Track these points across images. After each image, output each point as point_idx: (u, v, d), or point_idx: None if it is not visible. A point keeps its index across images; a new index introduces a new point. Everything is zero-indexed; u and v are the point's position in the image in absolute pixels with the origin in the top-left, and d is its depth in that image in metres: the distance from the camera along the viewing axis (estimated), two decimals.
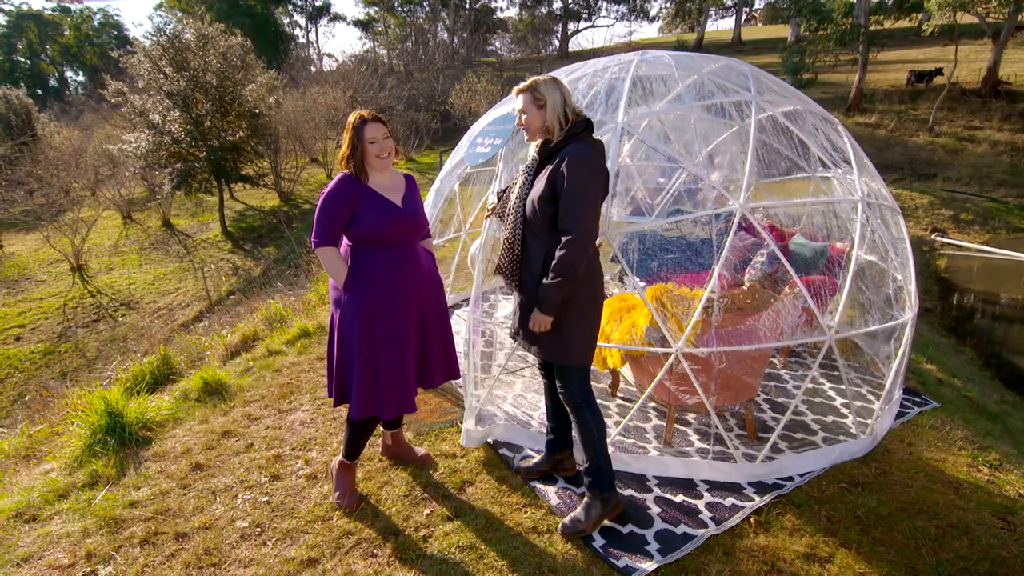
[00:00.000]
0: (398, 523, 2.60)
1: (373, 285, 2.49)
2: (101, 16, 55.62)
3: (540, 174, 2.40)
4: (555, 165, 2.30)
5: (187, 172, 17.82)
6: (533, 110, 2.37)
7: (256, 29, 36.82)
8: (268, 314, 6.65)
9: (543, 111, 2.36)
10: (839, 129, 3.51)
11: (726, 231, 2.78)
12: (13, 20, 51.63)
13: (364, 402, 2.51)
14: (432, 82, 30.89)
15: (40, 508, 2.87)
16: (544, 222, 2.35)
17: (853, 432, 3.24)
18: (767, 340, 2.71)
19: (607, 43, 48.25)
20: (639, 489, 2.82)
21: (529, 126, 2.41)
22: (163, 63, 17.17)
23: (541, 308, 2.35)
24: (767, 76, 3.57)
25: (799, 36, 28.40)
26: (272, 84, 20.11)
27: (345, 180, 2.51)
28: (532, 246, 2.42)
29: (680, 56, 3.53)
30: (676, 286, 2.81)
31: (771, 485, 2.85)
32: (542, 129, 2.39)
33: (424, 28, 44.28)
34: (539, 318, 2.37)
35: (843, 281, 2.98)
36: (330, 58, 46.75)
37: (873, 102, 20.58)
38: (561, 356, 2.46)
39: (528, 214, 2.40)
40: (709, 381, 2.75)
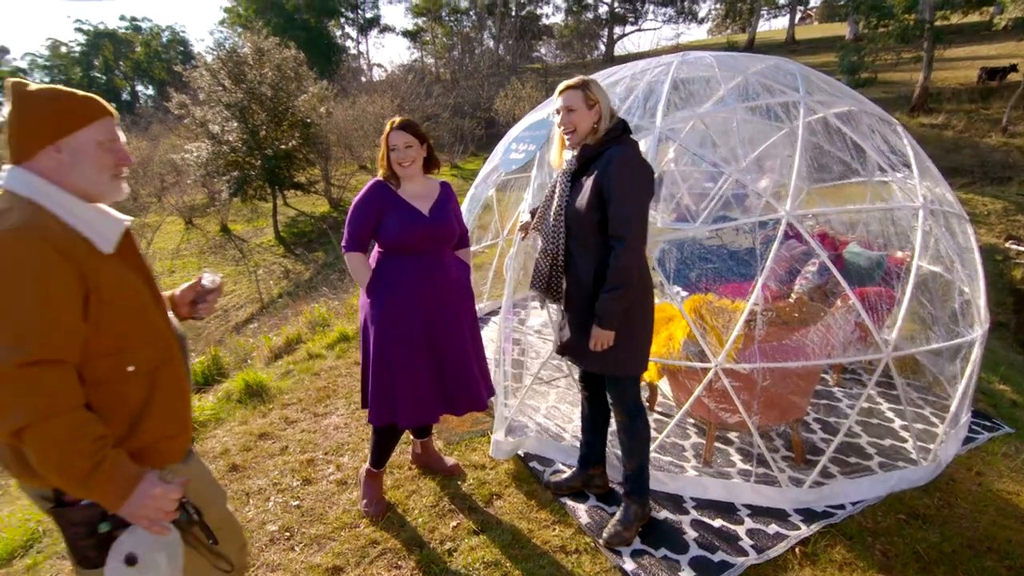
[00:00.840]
0: (424, 535, 2.56)
1: (394, 291, 2.47)
2: (169, 33, 59.14)
3: (580, 180, 2.29)
4: (600, 169, 2.18)
5: (243, 179, 18.61)
6: (584, 109, 2.23)
7: (310, 42, 38.22)
8: (312, 318, 6.80)
9: (594, 111, 2.24)
10: (898, 130, 3.27)
11: (771, 240, 2.62)
12: (91, 39, 55.61)
13: (380, 408, 2.50)
14: (477, 89, 31.20)
15: None
16: (591, 230, 2.24)
17: (914, 458, 3.00)
18: (815, 357, 2.53)
19: (654, 46, 47.56)
20: (675, 511, 2.68)
21: (578, 127, 2.25)
22: (222, 76, 18.02)
23: (602, 323, 2.21)
24: (818, 75, 3.37)
25: (857, 34, 27.15)
26: (323, 94, 20.78)
27: (375, 187, 2.52)
28: (579, 257, 2.30)
29: (723, 56, 3.38)
30: (717, 297, 2.66)
31: (820, 513, 2.66)
32: (591, 131, 2.25)
33: (470, 36, 44.85)
34: (601, 334, 2.23)
35: (902, 294, 2.76)
36: (379, 68, 48.01)
37: (940, 101, 19.39)
38: (618, 368, 2.36)
39: (572, 223, 2.29)
40: (751, 399, 2.59)
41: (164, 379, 1.38)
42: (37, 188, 1.26)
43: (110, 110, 1.37)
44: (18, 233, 1.17)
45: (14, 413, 1.12)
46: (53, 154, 1.28)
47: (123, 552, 1.26)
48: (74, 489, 1.21)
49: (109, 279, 1.27)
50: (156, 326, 1.38)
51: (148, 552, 1.26)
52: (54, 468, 1.16)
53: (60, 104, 1.29)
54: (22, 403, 1.12)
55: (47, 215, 1.24)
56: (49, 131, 1.27)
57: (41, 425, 1.13)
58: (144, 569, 1.26)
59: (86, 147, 1.30)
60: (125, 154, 1.39)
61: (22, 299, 1.14)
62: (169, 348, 1.40)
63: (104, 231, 1.31)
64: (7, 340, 1.13)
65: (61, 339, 1.18)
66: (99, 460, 1.18)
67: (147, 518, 1.24)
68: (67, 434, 1.15)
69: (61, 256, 1.19)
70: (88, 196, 1.33)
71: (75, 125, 1.30)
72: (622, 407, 2.43)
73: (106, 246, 1.30)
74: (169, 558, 1.30)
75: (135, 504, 1.23)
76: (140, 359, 1.33)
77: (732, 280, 4.04)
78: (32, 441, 1.14)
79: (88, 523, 1.27)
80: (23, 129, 1.27)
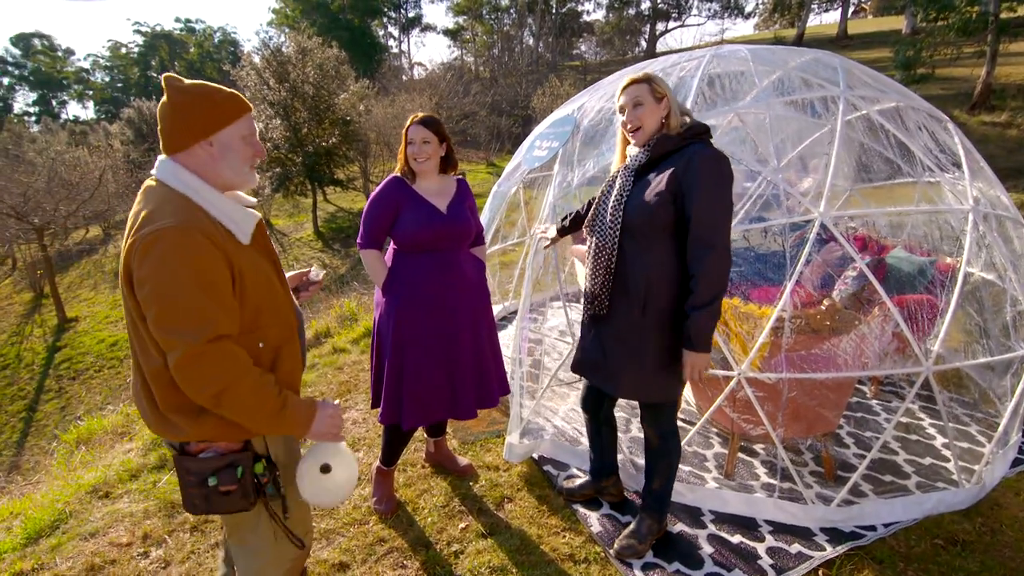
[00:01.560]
0: (431, 535, 2.53)
1: (408, 290, 2.45)
2: (220, 34, 61.33)
3: (647, 177, 2.05)
4: (680, 166, 1.95)
5: (285, 176, 19.10)
6: (651, 103, 2.03)
7: (353, 41, 38.97)
8: (341, 312, 6.91)
9: (662, 105, 2.03)
10: (949, 128, 3.05)
11: (802, 243, 2.47)
12: (148, 40, 58.20)
13: (389, 407, 2.48)
14: (516, 87, 31.19)
15: (114, 486, 3.09)
16: (659, 230, 2.00)
17: (955, 479, 2.79)
18: (847, 368, 2.37)
19: (697, 43, 46.49)
20: (692, 524, 2.57)
21: (645, 123, 2.04)
22: (267, 75, 18.54)
23: (697, 346, 1.95)
24: (862, 69, 3.18)
25: (915, 27, 25.80)
26: (363, 92, 21.12)
27: (391, 183, 2.50)
28: (633, 259, 2.06)
29: (759, 50, 3.22)
30: (742, 302, 2.53)
31: (848, 534, 2.50)
32: (657, 128, 2.05)
33: (510, 34, 44.84)
34: (698, 359, 1.96)
35: (947, 303, 2.57)
36: (420, 67, 48.56)
37: (1004, 98, 18.23)
38: (660, 394, 2.15)
39: (634, 220, 2.03)
40: (776, 411, 2.46)
41: (284, 355, 1.56)
42: (187, 183, 1.41)
43: (250, 106, 1.52)
44: (181, 229, 1.33)
45: (214, 381, 1.35)
46: (206, 147, 1.43)
47: (317, 463, 1.56)
48: (272, 427, 1.46)
49: (248, 265, 1.44)
50: (283, 307, 1.56)
51: (339, 458, 1.58)
52: (254, 414, 1.41)
53: (213, 101, 1.43)
54: (218, 371, 1.35)
55: (197, 209, 1.40)
56: (204, 126, 1.42)
57: (236, 384, 1.37)
58: (337, 473, 1.57)
59: (233, 141, 1.46)
60: (261, 147, 1.55)
61: (192, 288, 1.32)
62: (291, 327, 1.58)
63: (242, 224, 1.47)
64: (194, 323, 1.32)
65: (227, 317, 1.38)
66: (284, 399, 1.44)
67: (330, 433, 1.52)
68: (255, 385, 1.39)
69: (215, 247, 1.36)
70: (231, 185, 1.50)
71: (226, 121, 1.44)
72: (657, 429, 2.29)
73: (244, 237, 1.47)
74: (351, 463, 1.64)
75: (319, 424, 1.50)
76: (269, 336, 1.51)
77: (760, 284, 3.87)
78: (230, 399, 1.37)
79: (200, 473, 1.47)
80: (179, 122, 1.41)
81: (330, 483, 1.57)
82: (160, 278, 1.31)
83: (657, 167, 2.04)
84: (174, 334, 1.32)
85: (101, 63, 60.70)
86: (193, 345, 1.31)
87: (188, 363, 1.32)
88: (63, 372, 13.48)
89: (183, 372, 1.33)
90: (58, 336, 15.37)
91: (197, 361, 1.32)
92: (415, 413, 2.46)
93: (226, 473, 1.46)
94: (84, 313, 16.41)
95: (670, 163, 2.00)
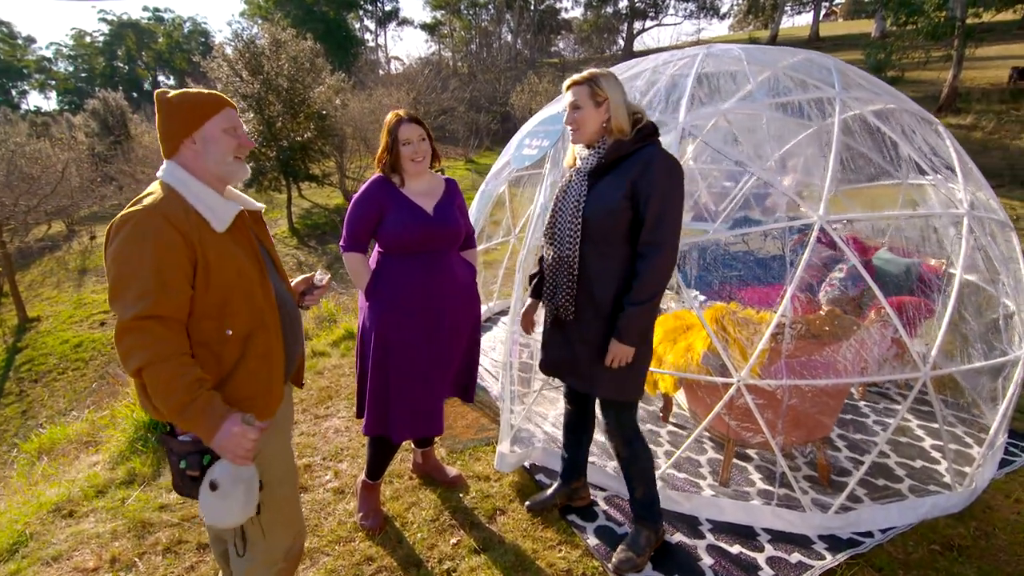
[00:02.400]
0: (422, 552, 2.42)
1: (393, 294, 2.33)
2: (190, 24, 59.62)
3: (601, 180, 2.06)
4: (636, 170, 1.98)
5: (259, 170, 18.60)
6: (590, 107, 2.04)
7: (328, 34, 38.18)
8: (319, 312, 6.71)
9: (602, 109, 2.04)
10: (940, 130, 3.05)
11: (801, 246, 2.43)
12: (114, 29, 56.22)
13: (374, 419, 2.37)
14: (494, 83, 31.00)
15: (79, 504, 2.90)
16: (618, 235, 2.04)
17: (947, 482, 2.79)
18: (847, 374, 2.34)
19: (674, 42, 46.88)
20: (690, 534, 2.51)
21: (582, 125, 2.07)
22: (239, 67, 18.02)
23: (623, 338, 2.02)
24: (854, 71, 3.16)
25: (884, 31, 26.44)
26: (339, 86, 20.71)
27: (375, 183, 2.38)
28: (594, 265, 2.08)
29: (752, 49, 3.17)
30: (740, 307, 2.48)
31: (846, 541, 2.47)
32: (597, 131, 2.08)
33: (489, 30, 44.55)
34: (621, 350, 2.04)
35: (942, 306, 2.56)
36: (397, 61, 47.95)
37: (969, 102, 18.79)
38: (620, 392, 2.18)
39: (593, 227, 2.06)
40: (776, 418, 2.41)
41: (255, 345, 1.58)
42: (177, 177, 1.53)
43: (230, 102, 1.61)
44: (145, 212, 1.43)
45: (134, 356, 1.39)
46: (190, 145, 1.55)
47: (210, 478, 1.49)
48: (175, 419, 1.44)
49: (217, 254, 1.49)
50: (254, 297, 1.58)
51: (229, 482, 1.47)
52: (161, 400, 1.41)
53: (190, 102, 1.54)
54: (139, 349, 1.39)
55: (178, 199, 1.49)
56: (186, 125, 1.54)
57: (154, 366, 1.39)
58: (223, 496, 1.47)
59: (214, 134, 1.56)
60: (246, 138, 1.63)
61: (142, 266, 1.39)
62: (263, 318, 1.59)
63: (221, 214, 1.54)
64: (130, 299, 1.39)
65: (170, 299, 1.42)
66: (195, 397, 1.41)
67: (231, 452, 1.44)
68: (171, 375, 1.40)
69: (177, 231, 1.43)
70: (221, 177, 1.59)
71: (205, 116, 1.55)
72: (621, 435, 2.26)
73: (219, 225, 1.52)
74: (246, 491, 1.50)
75: (220, 438, 1.44)
76: (237, 324, 1.54)
77: (753, 284, 3.83)
78: (147, 378, 1.40)
79: (178, 455, 1.53)
80: (167, 129, 1.55)
81: (214, 502, 1.48)
82: (118, 254, 1.42)
83: (612, 171, 2.05)
84: (115, 305, 1.42)
85: (64, 52, 58.42)
86: (124, 319, 1.38)
87: (118, 335, 1.40)
88: (24, 375, 12.91)
89: (116, 343, 1.40)
90: (19, 337, 14.72)
91: (123, 335, 1.39)
92: (404, 426, 2.35)
93: (193, 458, 1.52)
94: (47, 312, 15.75)
95: (626, 168, 2.01)
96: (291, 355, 1.74)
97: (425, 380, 2.37)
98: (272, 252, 1.77)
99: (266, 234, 1.78)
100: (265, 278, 1.63)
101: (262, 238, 1.74)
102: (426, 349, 2.37)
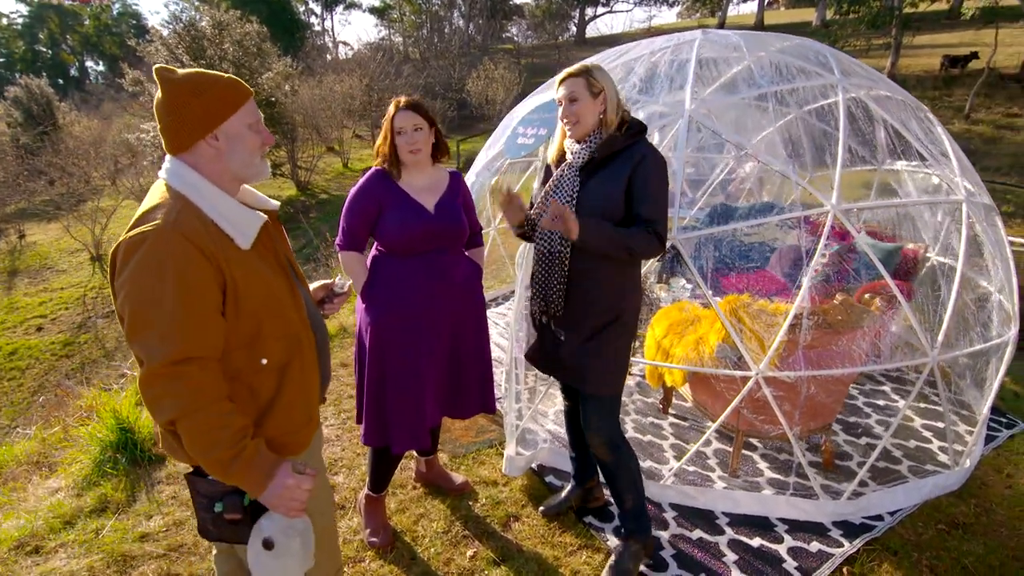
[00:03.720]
0: (439, 568, 2.30)
1: (390, 297, 2.19)
2: (120, 6, 55.85)
3: (595, 176, 2.01)
4: (631, 166, 1.94)
5: None
6: (587, 98, 1.97)
7: (272, 17, 36.42)
8: None
9: (599, 100, 1.98)
10: (930, 117, 3.10)
11: (815, 236, 2.41)
12: (35, 10, 52.04)
13: (373, 429, 2.24)
14: (449, 70, 30.44)
15: (44, 538, 2.62)
16: None
17: (944, 461, 2.88)
18: (863, 363, 2.34)
19: (627, 29, 47.29)
20: (709, 530, 2.49)
21: (582, 118, 1.99)
22: (179, 51, 16.99)
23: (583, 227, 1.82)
24: (847, 58, 3.17)
25: (825, 20, 27.42)
26: (287, 72, 19.83)
27: (373, 177, 2.21)
28: (585, 262, 2.03)
29: (748, 35, 3.13)
30: (754, 298, 2.44)
31: (859, 526, 2.50)
32: (595, 123, 2.01)
33: (440, 15, 43.66)
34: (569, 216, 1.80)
35: (946, 292, 2.60)
36: (346, 46, 46.44)
37: (906, 88, 19.74)
38: (602, 385, 2.11)
39: None
40: (794, 409, 2.40)
41: (293, 373, 1.40)
42: (190, 183, 1.29)
43: (251, 91, 1.37)
44: (161, 232, 1.20)
45: (165, 407, 1.21)
46: (211, 143, 1.30)
47: (261, 536, 1.32)
48: (218, 475, 1.27)
49: (244, 274, 1.29)
50: (288, 320, 1.39)
51: (284, 538, 1.32)
52: (200, 456, 1.24)
53: (212, 94, 1.29)
54: (171, 399, 1.20)
55: (193, 211, 1.26)
56: (206, 121, 1.28)
57: (189, 418, 1.21)
58: (280, 554, 1.32)
59: (240, 131, 1.33)
60: (268, 133, 1.42)
61: (165, 299, 1.18)
62: (299, 342, 1.42)
63: (244, 228, 1.32)
64: (154, 341, 1.19)
65: (202, 336, 1.22)
66: (240, 450, 1.24)
67: (283, 506, 1.29)
68: (210, 426, 1.22)
69: (201, 254, 1.22)
70: (243, 179, 1.39)
71: (229, 111, 1.31)
72: (603, 435, 2.15)
73: (244, 243, 1.31)
74: (303, 544, 1.35)
75: (272, 493, 1.27)
76: (272, 352, 1.36)
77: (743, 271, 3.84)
78: (183, 431, 1.22)
79: (209, 496, 1.34)
80: (179, 121, 1.28)
81: (271, 562, 1.33)
82: (134, 284, 1.20)
83: (604, 168, 2.01)
84: (139, 348, 1.22)
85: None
86: (152, 365, 1.19)
87: (145, 383, 1.21)
88: None
89: (142, 391, 1.22)
90: None
91: (152, 383, 1.20)
92: (405, 438, 2.21)
93: (232, 500, 1.33)
94: None
95: (619, 165, 1.98)
96: (325, 375, 1.57)
97: (424, 389, 2.23)
98: (292, 259, 1.55)
99: (283, 237, 1.54)
100: (296, 294, 1.44)
101: (280, 244, 1.51)
102: (426, 356, 2.22)
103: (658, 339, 2.99)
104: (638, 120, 2.06)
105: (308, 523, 1.37)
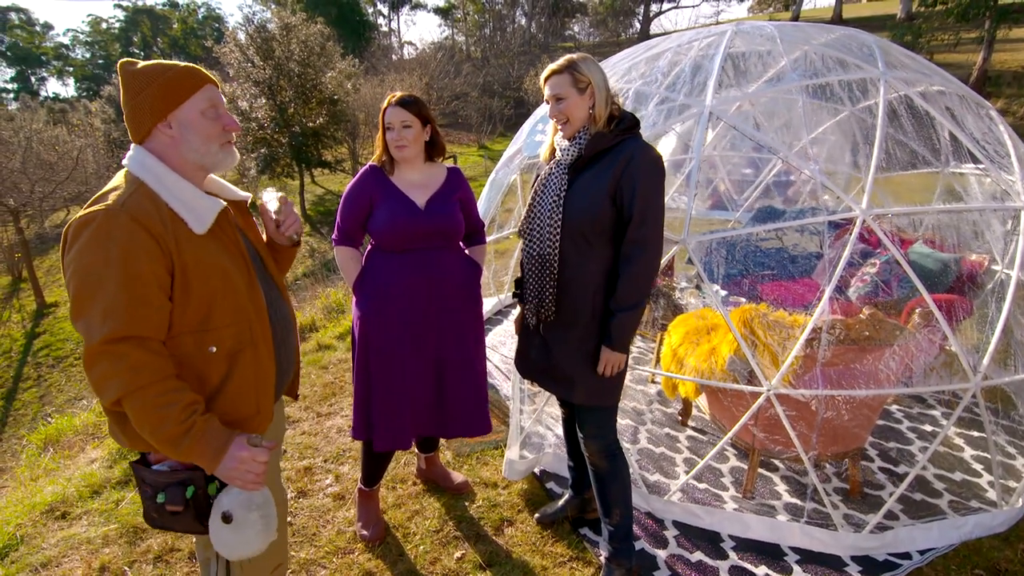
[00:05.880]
0: (424, 567, 2.28)
1: (382, 293, 2.18)
2: (205, 10, 59.57)
3: (583, 174, 1.93)
4: (621, 164, 1.84)
5: (271, 157, 18.55)
6: (574, 95, 1.88)
7: (342, 18, 37.81)
8: (327, 303, 6.60)
9: (587, 95, 1.89)
10: (992, 115, 2.79)
11: (841, 243, 2.21)
12: (129, 15, 56.38)
13: (359, 422, 2.25)
14: (507, 68, 30.57)
15: (73, 504, 2.80)
16: (599, 234, 1.91)
17: (991, 498, 2.58)
18: (890, 385, 2.13)
19: (692, 24, 45.84)
20: (712, 554, 2.34)
21: (572, 116, 1.90)
22: (251, 52, 17.89)
23: (615, 345, 1.89)
24: (898, 49, 2.90)
25: (911, 12, 25.50)
26: (351, 71, 20.50)
27: (366, 173, 2.22)
28: (577, 266, 1.94)
29: (786, 27, 2.93)
30: (771, 309, 2.27)
31: (881, 563, 2.28)
32: (586, 119, 1.92)
33: (503, 14, 43.86)
34: (614, 357, 1.91)
35: (996, 309, 2.33)
36: (410, 46, 47.51)
37: (999, 85, 18.05)
38: (600, 396, 2.01)
39: (577, 224, 1.91)
40: (809, 432, 2.21)
41: (244, 363, 1.39)
42: (147, 167, 1.31)
43: (211, 78, 1.38)
44: (109, 212, 1.22)
45: (109, 386, 1.21)
46: (165, 130, 1.32)
47: (220, 510, 1.31)
48: (168, 451, 1.26)
49: (196, 259, 1.29)
50: (241, 309, 1.38)
51: (243, 511, 1.32)
52: (150, 434, 1.23)
53: (163, 79, 1.31)
54: (114, 378, 1.20)
55: (148, 194, 1.28)
56: (157, 108, 1.31)
57: (133, 396, 1.21)
58: (239, 527, 1.31)
59: (191, 118, 1.33)
60: (231, 120, 1.40)
61: (109, 278, 1.19)
62: (253, 332, 1.40)
63: (200, 212, 1.32)
64: (96, 318, 1.19)
65: (144, 316, 1.22)
66: (189, 426, 1.24)
67: (239, 479, 1.29)
68: (157, 404, 1.22)
69: (149, 234, 1.23)
70: (204, 167, 1.39)
71: (181, 97, 1.32)
72: (602, 445, 2.06)
73: (199, 227, 1.31)
74: (262, 517, 1.35)
75: (226, 466, 1.28)
76: (222, 340, 1.35)
77: (782, 279, 3.60)
78: (129, 409, 1.22)
79: (153, 486, 1.34)
80: (135, 109, 1.32)
81: (230, 536, 1.32)
82: (80, 263, 1.21)
83: (593, 166, 1.93)
84: (78, 324, 1.22)
85: (81, 39, 58.77)
86: (91, 343, 1.20)
87: (87, 362, 1.22)
88: (42, 359, 13.06)
89: (87, 372, 1.22)
90: (36, 322, 14.89)
91: (94, 362, 1.21)
92: (385, 436, 2.20)
93: (174, 491, 1.33)
94: (63, 298, 15.90)
95: (609, 162, 1.89)
96: (284, 369, 1.57)
97: (408, 390, 2.20)
98: (261, 249, 1.55)
99: (253, 227, 1.56)
100: (254, 284, 1.43)
101: (248, 233, 1.52)
102: (415, 354, 2.20)
103: (674, 347, 2.85)
104: (631, 114, 1.95)
105: (268, 496, 1.37)
